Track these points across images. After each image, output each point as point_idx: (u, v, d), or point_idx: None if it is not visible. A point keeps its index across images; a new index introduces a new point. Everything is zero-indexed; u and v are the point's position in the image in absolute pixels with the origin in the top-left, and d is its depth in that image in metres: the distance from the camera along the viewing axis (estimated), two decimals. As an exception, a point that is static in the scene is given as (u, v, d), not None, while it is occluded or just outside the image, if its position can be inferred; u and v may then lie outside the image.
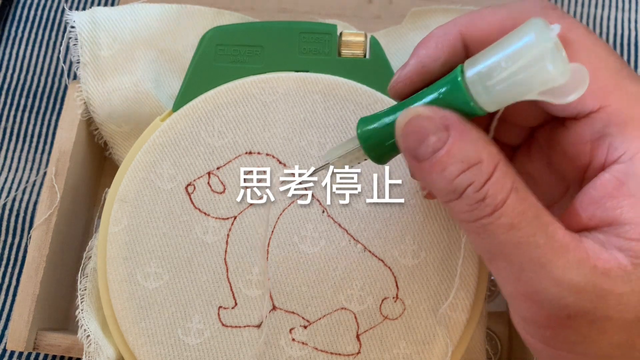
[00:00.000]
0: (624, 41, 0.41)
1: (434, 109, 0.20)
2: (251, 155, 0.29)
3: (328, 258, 0.28)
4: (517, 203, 0.19)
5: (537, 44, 0.18)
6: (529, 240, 0.19)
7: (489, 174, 0.19)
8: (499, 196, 0.19)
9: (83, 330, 0.28)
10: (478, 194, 0.19)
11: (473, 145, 0.19)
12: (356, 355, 0.27)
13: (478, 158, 0.19)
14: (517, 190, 0.19)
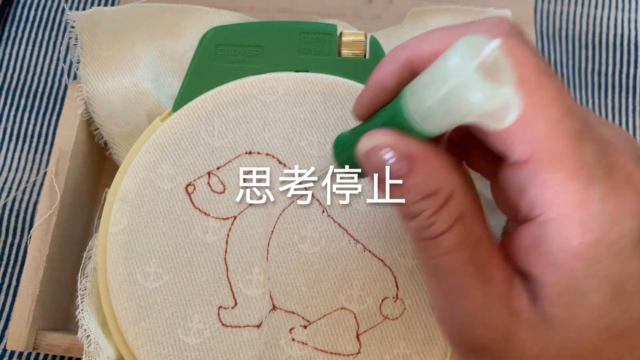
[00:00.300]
0: (624, 41, 0.41)
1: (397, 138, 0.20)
2: (251, 155, 0.29)
3: (328, 258, 0.28)
4: (459, 232, 0.20)
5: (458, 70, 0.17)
6: (459, 268, 0.20)
7: (441, 204, 0.20)
8: (445, 225, 0.20)
9: (83, 330, 0.28)
10: (428, 220, 0.20)
11: (432, 175, 0.20)
12: (356, 355, 0.27)
13: (435, 188, 0.20)
14: (463, 220, 0.20)
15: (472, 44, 0.18)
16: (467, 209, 0.20)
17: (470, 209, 0.20)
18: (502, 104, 0.17)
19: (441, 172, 0.20)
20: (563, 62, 0.41)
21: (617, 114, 0.40)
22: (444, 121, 0.19)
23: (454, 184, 0.20)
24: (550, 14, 0.42)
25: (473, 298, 0.20)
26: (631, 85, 0.41)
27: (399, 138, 0.20)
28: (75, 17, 0.33)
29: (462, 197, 0.20)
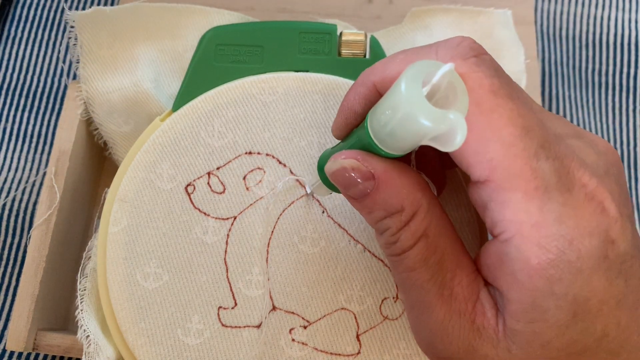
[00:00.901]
0: (624, 41, 0.41)
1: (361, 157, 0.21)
2: (251, 155, 0.29)
3: (328, 258, 0.28)
4: (423, 249, 0.21)
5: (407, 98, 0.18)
6: (422, 284, 0.21)
7: (405, 222, 0.21)
8: (408, 242, 0.21)
9: (83, 330, 0.28)
10: (393, 237, 0.21)
11: (396, 194, 0.21)
12: (356, 355, 0.27)
13: (399, 207, 0.21)
14: (427, 237, 0.21)
15: (422, 70, 0.18)
16: (431, 227, 0.21)
17: (435, 227, 0.21)
18: (450, 129, 0.18)
19: (403, 192, 0.21)
20: (563, 62, 0.41)
21: (617, 114, 0.40)
22: (401, 144, 0.20)
23: (417, 203, 0.21)
24: (550, 14, 0.42)
25: (436, 313, 0.21)
26: (631, 85, 0.41)
27: (363, 159, 0.21)
28: (75, 17, 0.33)
29: (425, 215, 0.21)
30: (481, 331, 0.20)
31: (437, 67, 0.18)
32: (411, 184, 0.21)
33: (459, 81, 0.19)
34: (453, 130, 0.18)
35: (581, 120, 0.40)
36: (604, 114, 0.40)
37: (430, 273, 0.21)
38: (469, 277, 0.21)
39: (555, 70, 0.41)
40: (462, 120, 0.18)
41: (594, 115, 0.40)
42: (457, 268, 0.21)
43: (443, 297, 0.21)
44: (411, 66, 0.19)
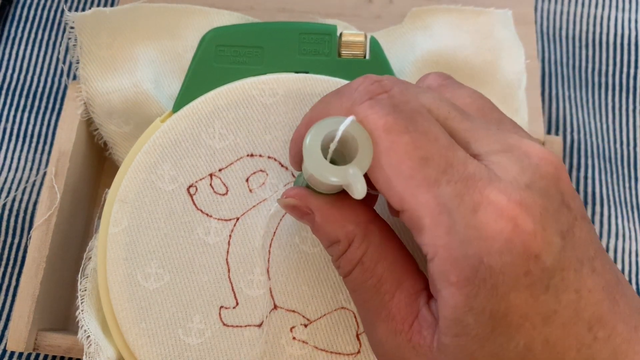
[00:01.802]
0: (624, 41, 0.41)
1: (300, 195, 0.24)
2: (253, 157, 0.29)
3: (328, 258, 0.28)
4: (360, 274, 0.23)
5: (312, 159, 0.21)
6: (363, 304, 0.23)
7: (342, 252, 0.23)
8: (347, 268, 0.23)
9: (83, 330, 0.28)
10: (336, 263, 0.24)
11: (331, 228, 0.23)
12: (356, 354, 0.27)
13: (335, 238, 0.23)
14: (363, 264, 0.23)
15: (322, 128, 0.21)
16: (367, 255, 0.23)
17: (372, 253, 0.23)
18: (352, 182, 0.21)
19: (337, 225, 0.23)
20: (563, 62, 0.41)
21: (617, 114, 0.40)
22: (323, 188, 0.23)
23: (350, 235, 0.23)
24: (550, 14, 0.42)
25: (376, 332, 0.23)
26: (631, 85, 0.41)
27: (301, 198, 0.24)
28: (75, 18, 0.33)
29: (360, 245, 0.23)
30: (417, 349, 0.22)
31: (337, 123, 0.21)
32: (345, 218, 0.23)
33: (359, 129, 0.21)
34: (354, 184, 0.21)
35: (581, 120, 0.40)
36: (604, 114, 0.40)
37: (369, 294, 0.23)
38: (408, 298, 0.22)
39: (555, 70, 0.41)
40: (359, 174, 0.21)
41: (594, 115, 0.40)
42: (396, 290, 0.22)
43: (381, 317, 0.22)
44: (312, 127, 0.21)
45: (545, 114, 0.40)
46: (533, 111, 0.35)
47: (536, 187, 0.20)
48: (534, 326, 0.20)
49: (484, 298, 0.19)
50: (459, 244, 0.19)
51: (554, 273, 0.19)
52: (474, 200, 0.20)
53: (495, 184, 0.20)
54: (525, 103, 0.34)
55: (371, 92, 0.22)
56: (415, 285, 0.23)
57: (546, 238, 0.19)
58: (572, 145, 0.39)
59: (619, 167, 0.39)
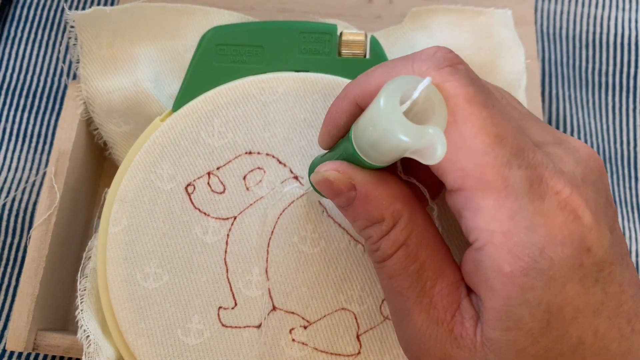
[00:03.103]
0: (624, 41, 0.41)
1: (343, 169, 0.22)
2: (251, 155, 0.29)
3: (328, 258, 0.28)
4: (402, 258, 0.21)
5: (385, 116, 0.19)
6: (402, 291, 0.22)
7: (386, 232, 0.22)
8: (388, 251, 0.22)
9: (83, 330, 0.28)
10: (374, 245, 0.22)
11: (376, 204, 0.22)
12: (356, 355, 0.27)
13: (380, 217, 0.22)
14: (407, 247, 0.21)
15: (400, 85, 0.19)
16: (412, 237, 0.22)
17: (416, 237, 0.22)
18: (430, 143, 0.18)
19: (384, 203, 0.22)
20: (563, 61, 0.41)
21: (617, 114, 0.40)
22: (383, 157, 0.20)
23: (398, 213, 0.22)
24: (550, 14, 0.42)
25: (415, 321, 0.21)
26: (631, 85, 0.41)
27: (344, 171, 0.22)
28: (75, 17, 0.33)
29: (406, 225, 0.22)
30: (459, 340, 0.21)
31: (415, 82, 0.19)
32: (392, 195, 0.22)
33: (436, 93, 0.19)
34: (433, 145, 0.18)
35: (581, 120, 0.40)
36: (604, 114, 0.40)
37: (410, 281, 0.22)
38: (450, 287, 0.21)
39: (555, 70, 0.41)
40: (441, 135, 0.18)
41: (594, 115, 0.40)
42: (438, 277, 0.21)
43: (422, 305, 0.21)
44: (389, 82, 0.19)
45: (545, 114, 0.40)
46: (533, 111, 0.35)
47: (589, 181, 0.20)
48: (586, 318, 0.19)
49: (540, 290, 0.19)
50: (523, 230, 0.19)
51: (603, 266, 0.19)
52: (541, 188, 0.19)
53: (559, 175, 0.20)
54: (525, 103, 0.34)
55: (450, 60, 0.21)
56: (456, 274, 0.22)
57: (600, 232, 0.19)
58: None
59: (619, 167, 0.39)
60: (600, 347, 0.20)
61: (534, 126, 0.22)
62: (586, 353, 0.20)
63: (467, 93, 0.20)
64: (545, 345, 0.20)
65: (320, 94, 0.30)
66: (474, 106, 0.20)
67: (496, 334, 0.20)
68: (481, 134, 0.19)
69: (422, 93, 0.19)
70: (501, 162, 0.19)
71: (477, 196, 0.20)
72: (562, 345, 0.20)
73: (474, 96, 0.20)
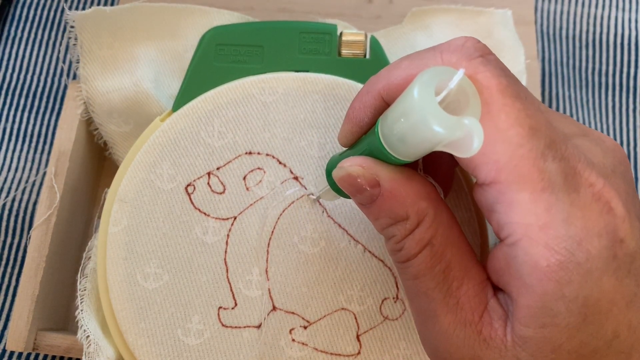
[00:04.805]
0: (624, 41, 0.41)
1: (367, 164, 0.21)
2: (251, 155, 0.29)
3: (328, 258, 0.28)
4: (428, 257, 0.21)
5: (420, 106, 0.18)
6: (427, 292, 0.21)
7: (410, 230, 0.21)
8: (413, 250, 0.21)
9: (83, 330, 0.28)
10: (398, 244, 0.21)
11: (401, 202, 0.21)
12: (356, 355, 0.27)
13: (404, 215, 0.21)
14: (432, 246, 0.21)
15: (434, 76, 0.18)
16: (437, 236, 0.21)
17: (441, 236, 0.21)
18: (465, 134, 0.18)
19: (409, 200, 0.21)
20: (563, 61, 0.41)
21: (617, 114, 0.40)
22: (413, 151, 0.20)
23: (423, 211, 0.21)
24: (550, 14, 0.42)
25: (441, 322, 0.21)
26: (631, 85, 0.41)
27: (369, 166, 0.21)
28: (75, 17, 0.33)
29: (431, 224, 0.21)
30: (488, 342, 0.20)
31: (448, 73, 0.18)
32: (417, 193, 0.21)
33: (470, 85, 0.19)
34: (469, 136, 0.18)
35: (581, 120, 0.40)
36: (604, 114, 0.40)
37: (436, 281, 0.21)
38: (476, 287, 0.21)
39: (555, 70, 0.41)
40: (478, 126, 0.18)
41: (594, 115, 0.40)
42: (464, 277, 0.21)
43: (448, 306, 0.21)
44: (422, 73, 0.19)
45: (545, 114, 0.40)
46: (533, 111, 0.35)
47: (618, 172, 0.20)
48: (620, 311, 0.19)
49: (577, 284, 0.19)
50: (561, 223, 0.19)
51: (635, 257, 0.19)
52: (576, 180, 0.19)
53: (591, 167, 0.19)
54: (525, 103, 0.34)
55: (481, 50, 0.20)
56: (482, 274, 0.21)
57: (631, 222, 0.19)
58: (572, 145, 0.39)
59: (619, 167, 0.39)
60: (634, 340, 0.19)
61: (559, 118, 0.22)
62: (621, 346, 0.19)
63: (500, 84, 0.19)
64: (582, 341, 0.19)
65: (320, 94, 0.30)
66: (508, 98, 0.19)
67: (530, 332, 0.19)
68: (516, 126, 0.19)
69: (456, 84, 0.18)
70: (536, 154, 0.19)
71: (512, 189, 0.19)
72: (598, 339, 0.19)
73: (507, 87, 0.19)
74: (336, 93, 0.30)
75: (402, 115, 0.19)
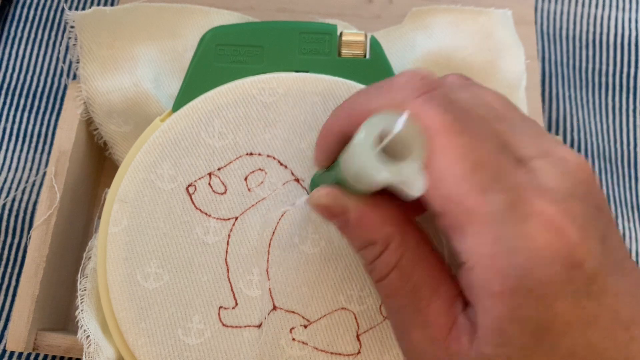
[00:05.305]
0: (624, 41, 0.41)
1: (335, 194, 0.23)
2: (252, 156, 0.29)
3: (328, 258, 0.28)
4: (396, 279, 0.22)
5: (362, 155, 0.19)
6: (399, 310, 0.22)
7: (378, 254, 0.22)
8: (382, 272, 0.22)
9: (83, 330, 0.28)
10: (369, 266, 0.23)
11: (367, 229, 0.22)
12: (356, 355, 0.27)
13: (372, 240, 0.22)
14: (400, 268, 0.22)
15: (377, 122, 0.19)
16: (404, 258, 0.22)
17: (408, 259, 0.22)
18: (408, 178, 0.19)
19: (375, 226, 0.22)
20: (563, 62, 0.41)
21: (617, 114, 0.40)
22: (367, 188, 0.21)
23: (388, 237, 0.22)
24: (550, 14, 0.42)
25: (412, 338, 0.22)
26: (631, 85, 0.41)
27: (337, 196, 0.23)
28: (75, 17, 0.33)
29: (397, 248, 0.22)
30: (454, 357, 0.21)
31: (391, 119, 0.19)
32: (383, 219, 0.22)
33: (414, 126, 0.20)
34: (412, 181, 0.19)
35: (581, 120, 0.40)
36: (604, 114, 0.40)
37: (404, 301, 0.22)
38: (445, 304, 0.22)
39: (555, 70, 0.41)
40: (419, 171, 0.19)
41: (594, 115, 0.40)
42: (432, 296, 0.22)
43: (418, 323, 0.22)
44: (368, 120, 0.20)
45: (545, 114, 0.40)
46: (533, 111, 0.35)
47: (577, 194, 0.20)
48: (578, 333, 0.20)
49: (529, 308, 0.19)
50: (507, 254, 0.19)
51: (596, 279, 0.19)
52: (524, 210, 0.19)
53: (542, 194, 0.20)
54: (525, 103, 0.34)
55: (426, 86, 0.21)
56: (452, 291, 0.22)
57: (588, 245, 0.19)
58: (572, 145, 0.39)
59: (619, 167, 0.39)
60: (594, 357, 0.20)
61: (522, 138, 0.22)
62: None
63: (444, 121, 0.20)
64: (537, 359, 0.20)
65: (320, 96, 0.30)
66: (451, 135, 0.20)
67: (489, 349, 0.20)
68: (459, 162, 0.20)
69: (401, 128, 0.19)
70: (481, 188, 0.20)
71: (460, 222, 0.20)
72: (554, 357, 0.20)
73: (451, 124, 0.20)
74: (336, 94, 0.30)
75: (350, 159, 0.20)
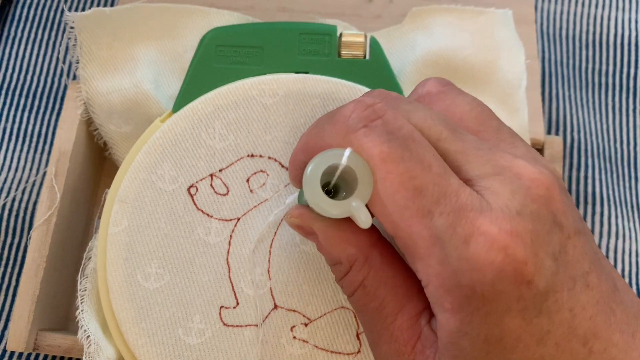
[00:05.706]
0: (624, 41, 0.41)
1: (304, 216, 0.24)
2: (253, 158, 0.29)
3: (329, 258, 0.28)
4: (361, 297, 0.23)
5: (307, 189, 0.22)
6: (366, 324, 0.24)
7: (344, 273, 0.24)
8: (348, 290, 0.24)
9: (83, 330, 0.28)
10: (339, 283, 0.24)
11: (332, 249, 0.24)
12: (356, 354, 0.27)
13: (337, 260, 0.24)
14: (365, 287, 0.23)
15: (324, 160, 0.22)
16: (369, 278, 0.23)
17: (373, 278, 0.23)
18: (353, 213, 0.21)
19: (339, 248, 0.23)
20: (563, 62, 0.41)
21: (617, 114, 0.40)
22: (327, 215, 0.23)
23: (352, 258, 0.23)
24: (550, 14, 0.42)
25: (381, 351, 0.23)
26: (631, 85, 0.41)
27: (306, 218, 0.24)
28: (75, 18, 0.33)
29: (361, 268, 0.23)
30: None
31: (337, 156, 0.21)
32: (347, 241, 0.23)
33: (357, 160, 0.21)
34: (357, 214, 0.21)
35: (581, 120, 0.40)
36: (604, 114, 0.40)
37: (370, 317, 0.23)
38: (410, 320, 0.23)
39: (555, 70, 0.41)
40: (362, 208, 0.21)
41: (594, 115, 0.40)
42: (398, 313, 0.23)
43: (384, 338, 0.23)
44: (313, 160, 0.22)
45: (545, 114, 0.40)
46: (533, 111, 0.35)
47: (527, 212, 0.20)
48: (528, 347, 0.20)
49: (478, 323, 0.20)
50: (452, 275, 0.20)
51: (547, 296, 0.20)
52: (466, 231, 0.20)
53: (486, 214, 0.20)
54: (525, 103, 0.34)
55: (365, 119, 0.22)
56: (418, 306, 0.23)
57: (538, 263, 0.20)
58: (572, 145, 0.39)
59: (619, 167, 0.39)
60: None
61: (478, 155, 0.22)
62: None
63: (382, 152, 0.21)
64: None
65: (320, 99, 0.30)
66: (390, 164, 0.21)
67: None
68: (400, 190, 0.21)
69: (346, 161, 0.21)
70: (422, 213, 0.20)
71: (409, 245, 0.21)
72: None
73: (389, 154, 0.21)
74: (336, 96, 0.30)
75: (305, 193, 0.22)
